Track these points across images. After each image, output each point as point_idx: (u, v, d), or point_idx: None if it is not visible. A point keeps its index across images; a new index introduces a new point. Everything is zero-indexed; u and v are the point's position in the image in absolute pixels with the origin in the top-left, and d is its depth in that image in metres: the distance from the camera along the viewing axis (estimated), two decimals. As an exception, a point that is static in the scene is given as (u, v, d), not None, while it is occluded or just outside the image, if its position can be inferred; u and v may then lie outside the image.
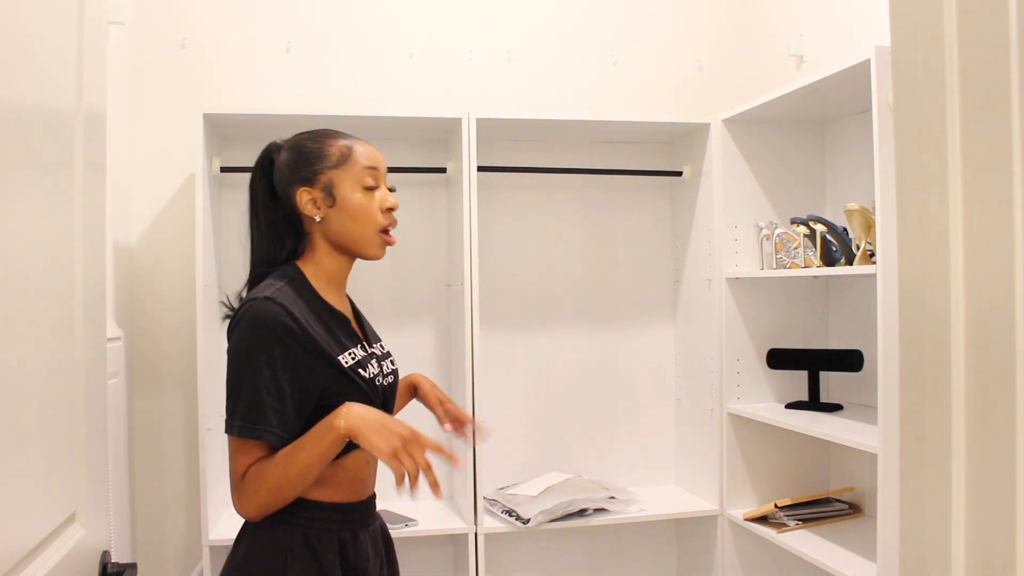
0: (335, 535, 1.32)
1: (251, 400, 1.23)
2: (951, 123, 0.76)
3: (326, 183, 1.34)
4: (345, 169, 1.35)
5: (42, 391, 0.90)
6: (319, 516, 1.30)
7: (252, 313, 1.25)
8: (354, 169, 1.35)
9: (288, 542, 1.28)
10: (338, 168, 1.35)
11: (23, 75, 0.84)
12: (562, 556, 2.81)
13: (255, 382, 1.23)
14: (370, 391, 1.33)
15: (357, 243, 1.36)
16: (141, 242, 2.58)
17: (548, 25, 2.83)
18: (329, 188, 1.34)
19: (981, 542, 0.73)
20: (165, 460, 2.58)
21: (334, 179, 1.34)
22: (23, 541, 0.83)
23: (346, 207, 1.34)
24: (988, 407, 0.73)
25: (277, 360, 1.24)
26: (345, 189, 1.34)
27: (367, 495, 1.40)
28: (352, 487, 1.36)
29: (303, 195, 1.35)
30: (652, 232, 2.86)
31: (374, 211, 1.35)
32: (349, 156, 1.36)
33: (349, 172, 1.35)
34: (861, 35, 2.33)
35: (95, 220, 1.08)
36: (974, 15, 0.73)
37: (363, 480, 1.38)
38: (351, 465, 1.34)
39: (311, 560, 1.28)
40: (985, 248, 0.73)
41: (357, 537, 1.35)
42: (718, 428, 2.53)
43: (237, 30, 2.64)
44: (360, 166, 1.35)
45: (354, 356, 1.33)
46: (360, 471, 1.37)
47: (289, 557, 1.27)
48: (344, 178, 1.34)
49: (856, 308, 2.48)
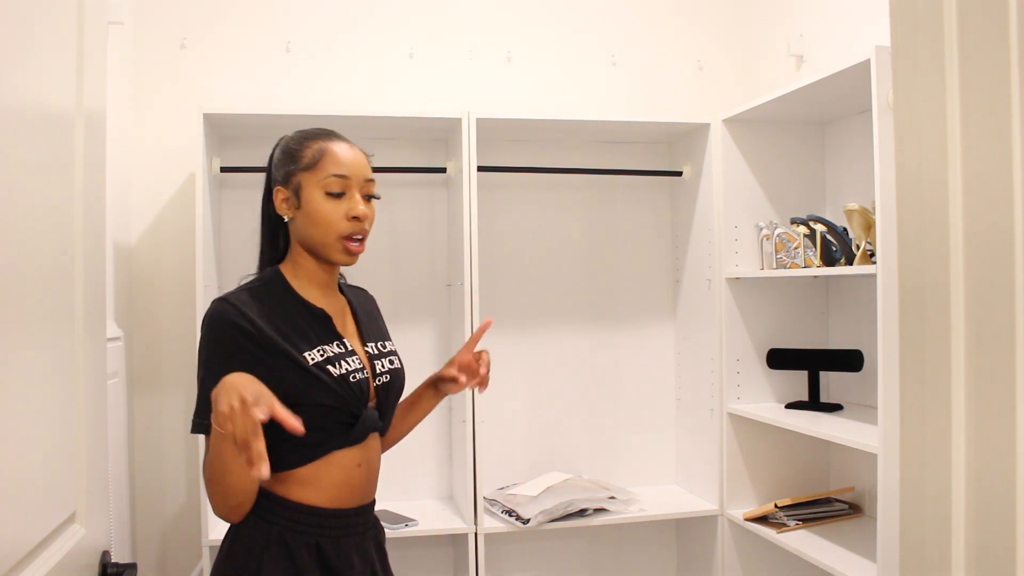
0: (313, 538, 1.30)
1: (200, 395, 1.26)
2: (951, 123, 0.76)
3: (296, 185, 1.36)
4: (312, 173, 1.34)
5: (42, 391, 0.90)
6: (296, 517, 1.29)
7: (207, 314, 1.30)
8: (319, 174, 1.34)
9: (265, 540, 1.28)
10: (307, 171, 1.35)
11: (23, 75, 0.84)
12: (562, 556, 2.81)
13: (204, 378, 1.25)
14: (340, 388, 1.30)
15: (319, 247, 1.36)
16: (141, 242, 2.58)
17: (548, 25, 2.83)
18: (297, 190, 1.35)
19: (981, 542, 0.73)
20: (165, 460, 2.58)
21: (302, 181, 1.35)
22: (23, 541, 0.83)
23: (308, 211, 1.34)
24: (988, 407, 0.73)
25: (226, 356, 1.24)
26: (310, 193, 1.34)
27: (357, 503, 1.36)
28: (338, 492, 1.33)
29: (278, 194, 1.38)
30: (652, 232, 2.86)
31: (335, 218, 1.33)
32: (318, 160, 1.35)
33: (315, 176, 1.34)
34: (861, 35, 2.33)
35: (95, 220, 1.08)
36: (974, 15, 0.73)
37: (351, 486, 1.35)
38: (336, 467, 1.32)
39: (286, 561, 1.27)
40: (985, 248, 0.73)
41: (339, 544, 1.33)
42: (718, 428, 2.53)
43: (237, 30, 2.64)
44: (326, 172, 1.34)
45: (323, 353, 1.31)
46: (350, 477, 1.34)
47: (265, 556, 1.27)
48: (311, 182, 1.34)
49: (856, 308, 2.48)
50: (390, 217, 2.62)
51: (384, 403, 1.41)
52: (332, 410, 1.30)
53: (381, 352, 1.45)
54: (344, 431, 1.33)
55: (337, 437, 1.32)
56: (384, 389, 1.41)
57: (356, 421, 1.34)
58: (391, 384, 1.43)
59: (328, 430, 1.30)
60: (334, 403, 1.30)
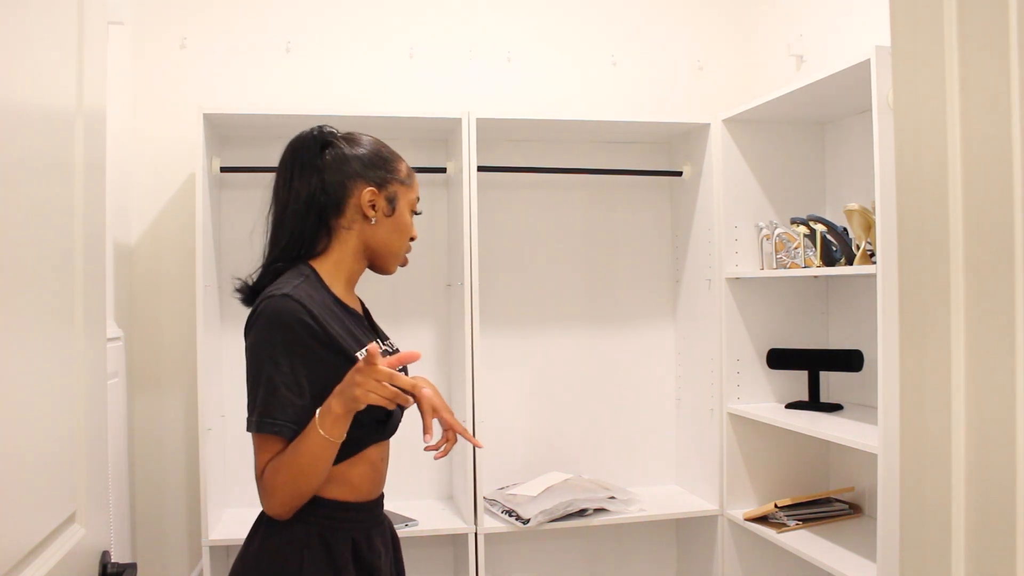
0: (350, 534, 1.32)
1: (268, 395, 1.24)
2: (951, 123, 0.76)
3: (392, 193, 1.41)
4: (408, 189, 1.44)
5: (42, 391, 0.90)
6: (335, 515, 1.31)
7: (270, 309, 1.26)
8: (412, 193, 1.45)
9: (304, 540, 1.28)
10: (404, 185, 1.43)
11: (23, 75, 0.84)
12: (562, 556, 2.81)
13: (272, 377, 1.24)
14: None
15: (388, 256, 1.43)
16: (141, 242, 2.58)
17: (548, 25, 2.83)
18: (394, 199, 1.41)
19: (981, 542, 0.73)
20: (165, 460, 2.58)
21: (399, 193, 1.42)
22: (23, 541, 0.83)
23: (399, 222, 1.42)
24: (988, 407, 0.73)
25: (296, 355, 1.25)
26: (403, 206, 1.43)
27: (378, 494, 1.41)
28: (368, 485, 1.36)
29: (368, 194, 1.37)
30: (652, 232, 2.86)
31: (412, 234, 1.46)
32: (413, 179, 1.46)
33: (409, 193, 1.44)
34: (861, 35, 2.33)
35: (95, 220, 1.08)
36: (974, 15, 0.73)
37: (377, 481, 1.39)
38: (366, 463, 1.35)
39: (326, 559, 1.29)
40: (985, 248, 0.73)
41: (370, 535, 1.36)
42: (718, 428, 2.52)
43: (237, 30, 2.64)
44: (416, 192, 1.47)
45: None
46: (377, 471, 1.38)
47: (305, 555, 1.27)
48: (405, 196, 1.44)
49: (856, 308, 2.48)
50: (390, 217, 2.62)
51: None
52: (375, 408, 1.30)
53: (391, 351, 1.48)
54: (379, 428, 1.36)
55: (374, 433, 1.35)
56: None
57: (388, 418, 1.37)
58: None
59: (367, 427, 1.32)
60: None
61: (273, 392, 1.24)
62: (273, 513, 1.28)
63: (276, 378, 1.23)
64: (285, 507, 1.26)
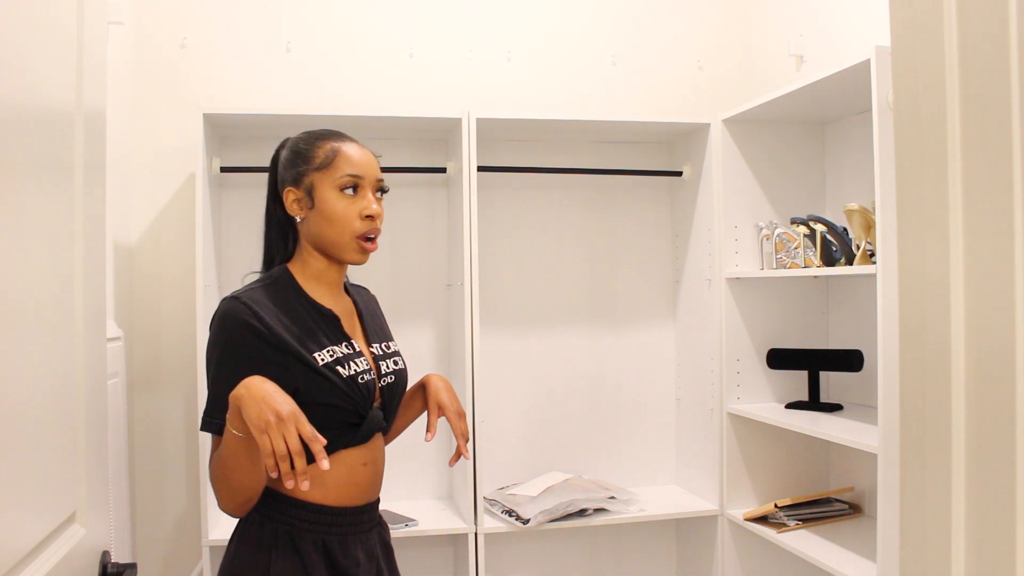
0: (319, 536, 1.31)
1: (212, 395, 1.28)
2: (951, 123, 0.76)
3: (308, 185, 1.36)
4: (326, 173, 1.35)
5: (42, 391, 0.90)
6: (303, 516, 1.31)
7: (219, 312, 1.30)
8: (334, 174, 1.35)
9: (272, 540, 1.29)
10: (320, 171, 1.36)
11: (23, 75, 0.84)
12: (562, 556, 2.81)
13: (216, 377, 1.27)
14: (348, 389, 1.32)
15: (334, 247, 1.37)
16: (141, 242, 2.58)
17: (548, 25, 2.83)
18: (310, 190, 1.36)
19: (981, 542, 0.73)
20: (165, 460, 2.58)
21: (315, 182, 1.36)
22: (23, 541, 0.83)
23: (323, 211, 1.35)
24: (988, 407, 0.73)
25: (240, 356, 1.26)
26: (324, 193, 1.35)
27: (363, 501, 1.38)
28: (344, 490, 1.34)
29: (289, 195, 1.39)
30: (652, 232, 2.86)
31: (351, 217, 1.35)
32: (332, 160, 1.36)
33: (329, 176, 1.35)
34: (861, 35, 2.33)
35: (95, 220, 1.08)
36: (974, 15, 0.73)
37: (358, 484, 1.36)
38: (342, 466, 1.33)
39: (295, 559, 1.28)
40: (985, 248, 0.73)
41: (346, 542, 1.34)
42: (718, 428, 2.52)
43: (237, 30, 2.64)
44: (341, 171, 1.35)
45: (332, 354, 1.32)
46: (355, 475, 1.35)
47: (273, 555, 1.28)
48: (324, 181, 1.35)
49: (856, 308, 2.48)
50: (390, 217, 2.60)
51: (388, 403, 1.42)
52: (340, 410, 1.32)
53: (386, 353, 1.46)
54: (350, 431, 1.34)
55: (343, 437, 1.33)
56: (388, 390, 1.42)
57: (362, 421, 1.35)
58: (395, 385, 1.45)
59: (334, 430, 1.31)
60: (342, 403, 1.31)
61: (216, 392, 1.27)
62: (223, 509, 1.30)
63: (219, 378, 1.26)
64: (228, 503, 1.29)
